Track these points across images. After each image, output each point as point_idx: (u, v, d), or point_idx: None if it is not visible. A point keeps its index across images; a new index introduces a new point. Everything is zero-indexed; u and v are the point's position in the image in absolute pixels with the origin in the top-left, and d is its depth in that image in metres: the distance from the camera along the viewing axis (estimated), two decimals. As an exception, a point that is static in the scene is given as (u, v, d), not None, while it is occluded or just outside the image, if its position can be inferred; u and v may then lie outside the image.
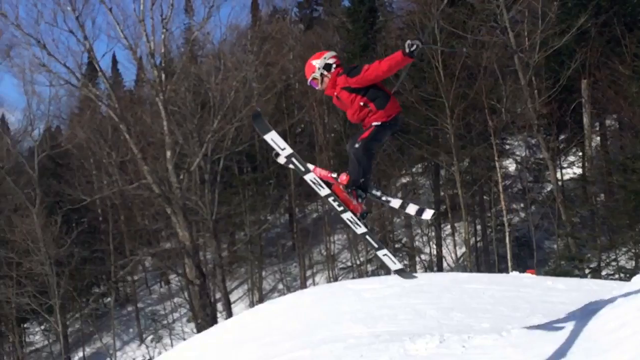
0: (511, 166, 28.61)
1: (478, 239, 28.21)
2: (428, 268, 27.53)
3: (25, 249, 27.80)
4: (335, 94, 5.22)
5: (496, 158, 23.69)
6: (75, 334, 33.01)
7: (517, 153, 28.91)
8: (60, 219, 28.29)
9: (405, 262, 28.35)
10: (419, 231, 29.59)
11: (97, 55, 25.75)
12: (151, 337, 31.49)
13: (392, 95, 5.27)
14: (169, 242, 34.73)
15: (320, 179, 5.14)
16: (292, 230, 34.10)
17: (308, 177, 5.10)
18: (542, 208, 26.02)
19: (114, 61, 43.49)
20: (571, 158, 27.59)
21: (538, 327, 6.90)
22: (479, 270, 24.80)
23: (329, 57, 5.28)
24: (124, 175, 27.36)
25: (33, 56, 26.05)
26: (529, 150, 28.81)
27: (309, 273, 31.34)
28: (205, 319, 23.48)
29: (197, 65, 29.88)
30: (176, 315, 32.70)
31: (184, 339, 26.65)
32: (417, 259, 28.43)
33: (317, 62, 5.24)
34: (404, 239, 29.55)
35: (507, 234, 22.90)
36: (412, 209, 5.73)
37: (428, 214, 5.68)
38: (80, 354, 32.42)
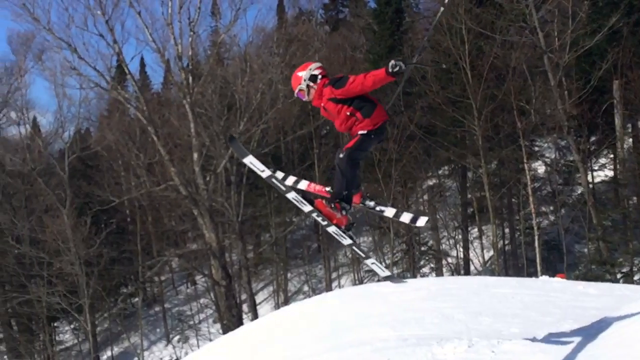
0: (540, 168, 28.13)
1: (506, 242, 27.80)
2: (455, 271, 27.23)
3: (55, 249, 28.29)
4: (322, 105, 5.23)
5: (525, 160, 23.31)
6: (103, 333, 33.51)
7: (547, 155, 28.44)
8: (90, 220, 28.73)
9: (432, 265, 28.11)
10: (446, 234, 29.30)
11: (126, 58, 26.21)
12: (178, 337, 31.79)
13: (379, 103, 5.26)
14: (195, 244, 35.07)
15: (304, 196, 5.14)
16: (317, 232, 34.08)
17: (289, 196, 5.15)
18: (573, 211, 25.54)
19: (142, 64, 44.12)
20: (602, 160, 27.04)
21: (569, 332, 6.75)
22: (506, 274, 24.43)
23: (314, 68, 5.30)
24: (151, 176, 27.71)
25: (64, 60, 26.60)
26: (558, 153, 28.31)
27: (334, 275, 31.27)
28: (231, 320, 23.61)
29: (224, 68, 30.10)
30: (202, 315, 32.94)
31: (210, 340, 26.85)
32: (444, 262, 28.14)
33: (302, 74, 5.28)
34: (430, 242, 29.28)
35: (536, 237, 22.49)
36: (406, 217, 5.73)
37: (422, 221, 5.70)
38: (109, 353, 32.89)
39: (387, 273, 5.85)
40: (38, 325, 31.14)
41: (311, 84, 5.26)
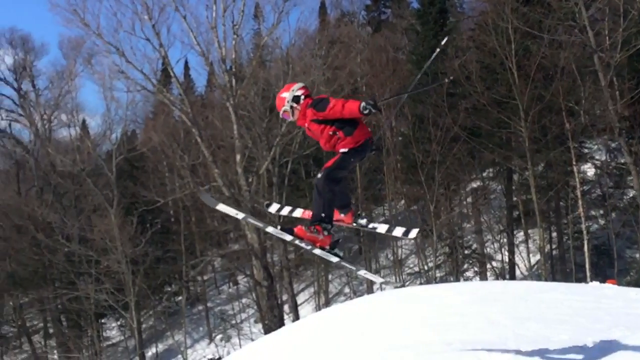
0: (590, 171, 27.29)
1: (553, 246, 27.05)
2: (499, 276, 26.66)
3: (103, 248, 29.00)
4: (306, 125, 5.31)
5: (574, 162, 22.64)
6: (148, 330, 34.19)
7: (597, 157, 27.56)
8: (136, 220, 29.32)
9: (475, 268, 27.59)
10: (490, 237, 28.73)
11: (171, 61, 26.69)
12: (220, 336, 32.15)
13: (361, 121, 5.32)
14: (237, 244, 35.47)
15: (283, 228, 5.32)
16: (358, 233, 33.96)
17: (269, 230, 5.38)
18: (624, 215, 24.67)
19: (186, 67, 44.90)
20: (656, 163, 26.01)
21: (621, 340, 6.50)
22: (554, 280, 23.77)
23: (296, 89, 5.41)
24: (195, 177, 28.15)
25: (112, 63, 27.30)
26: (609, 155, 27.41)
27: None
28: (272, 320, 23.74)
29: (266, 70, 30.35)
30: (244, 315, 33.24)
31: (252, 339, 27.07)
32: (488, 266, 27.58)
33: (286, 95, 5.39)
34: (474, 245, 28.76)
35: (585, 241, 21.80)
36: (398, 231, 5.76)
37: (413, 233, 5.75)
38: (154, 350, 33.54)
39: (382, 279, 6.10)
40: (86, 321, 31.98)
41: (295, 105, 5.36)
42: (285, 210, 6.13)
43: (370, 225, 5.85)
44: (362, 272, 5.68)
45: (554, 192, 25.19)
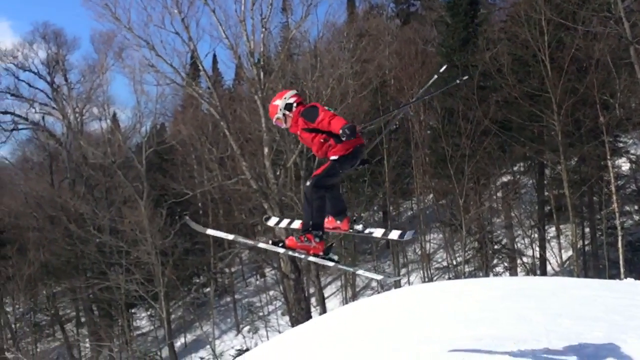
0: (625, 165, 26.65)
1: (586, 242, 26.52)
2: (530, 271, 26.25)
3: (133, 239, 29.41)
4: (299, 132, 5.40)
5: (608, 157, 22.13)
6: (177, 320, 34.65)
7: (632, 151, 26.90)
8: (165, 212, 29.66)
9: (505, 264, 27.21)
10: (521, 232, 28.29)
11: (200, 55, 26.87)
12: (248, 327, 32.39)
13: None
14: (265, 236, 35.64)
15: (273, 242, 5.50)
16: (386, 227, 33.80)
17: (260, 246, 5.63)
18: (660, 211, 24.05)
19: (215, 60, 45.17)
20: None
21: (658, 338, 6.32)
22: (586, 276, 23.32)
23: (289, 96, 5.50)
24: (223, 170, 28.32)
25: (142, 57, 27.53)
26: (645, 149, 26.74)
27: (403, 272, 30.91)
28: (299, 312, 23.80)
29: (294, 63, 30.32)
30: (271, 307, 33.44)
31: (279, 332, 27.22)
32: (518, 261, 27.16)
33: (279, 103, 5.49)
34: (505, 241, 28.35)
35: (619, 237, 21.31)
36: (394, 234, 5.82)
37: (409, 235, 5.84)
38: (182, 340, 34.00)
39: (380, 276, 6.47)
40: (117, 311, 32.52)
41: (287, 112, 5.45)
42: (284, 223, 6.20)
43: (367, 231, 5.92)
44: (361, 272, 5.91)
45: (588, 187, 24.68)
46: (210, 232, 5.82)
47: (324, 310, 25.13)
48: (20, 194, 39.92)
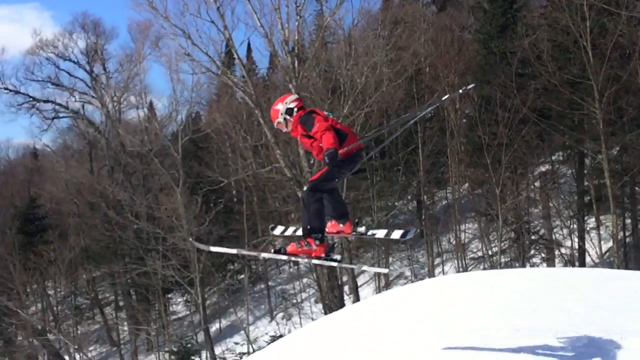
0: (670, 155, 25.76)
1: (627, 233, 25.82)
2: (568, 262, 25.72)
3: (170, 226, 29.85)
4: (299, 137, 5.50)
5: (652, 146, 21.46)
6: (212, 306, 35.15)
7: (677, 140, 25.96)
8: (201, 199, 29.99)
9: (543, 254, 26.72)
10: (559, 223, 27.70)
11: (235, 43, 26.93)
12: (281, 314, 32.67)
13: (350, 131, 5.52)
14: (299, 224, 35.76)
15: (275, 250, 5.61)
16: (420, 217, 33.57)
17: (263, 255, 5.80)
18: None
19: (249, 49, 45.34)
20: None
21: None
22: (627, 268, 22.73)
23: (289, 101, 5.56)
24: (257, 158, 28.47)
25: (179, 46, 27.77)
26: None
27: (437, 261, 30.68)
28: (333, 300, 23.88)
29: (329, 51, 30.17)
30: (305, 295, 33.62)
31: (313, 319, 27.37)
32: (556, 252, 26.63)
33: (280, 107, 5.56)
34: (542, 231, 27.80)
35: (662, 229, 20.70)
36: (397, 234, 5.91)
37: (411, 233, 5.94)
38: (217, 325, 34.54)
39: (386, 270, 6.65)
40: (154, 296, 33.17)
41: (288, 117, 5.53)
42: (290, 231, 6.27)
43: (370, 232, 6.00)
44: (366, 268, 6.81)
45: (629, 177, 23.99)
46: (214, 249, 6.15)
47: (357, 299, 25.15)
48: (62, 180, 40.96)
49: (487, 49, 27.45)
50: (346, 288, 28.97)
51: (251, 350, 26.58)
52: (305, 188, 5.38)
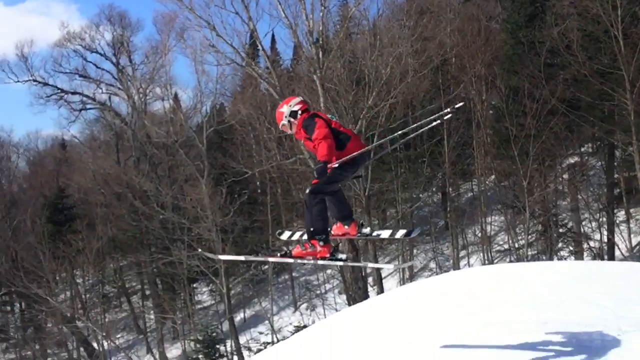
0: (703, 147, 25.06)
1: (658, 226, 25.30)
2: (597, 256, 25.27)
3: (195, 216, 30.15)
4: (302, 140, 5.54)
5: (685, 137, 20.91)
6: (237, 296, 35.46)
7: None
8: (225, 190, 30.19)
9: (571, 247, 26.29)
10: (588, 216, 27.21)
11: (259, 35, 26.94)
12: (305, 305, 32.80)
13: (354, 134, 5.58)
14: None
15: (282, 255, 5.72)
16: (445, 209, 33.32)
17: (270, 260, 6.17)
18: None
19: (273, 40, 45.31)
20: None
21: None
22: (657, 262, 22.23)
23: (294, 104, 5.61)
24: (281, 150, 28.51)
25: (203, 38, 27.90)
26: None
27: (462, 254, 30.43)
28: (357, 292, 23.85)
29: (353, 42, 29.99)
30: (328, 286, 33.69)
31: (336, 310, 27.42)
32: (585, 245, 26.17)
33: (284, 110, 5.62)
34: (570, 224, 27.35)
35: (695, 223, 20.20)
36: (400, 233, 6.01)
37: (415, 233, 6.20)
38: (242, 314, 34.86)
39: (391, 265, 6.62)
40: (180, 285, 33.56)
41: (292, 119, 5.58)
42: (297, 235, 6.30)
43: (375, 233, 6.09)
44: (370, 265, 6.16)
45: (661, 170, 23.43)
46: (222, 257, 6.61)
47: (381, 290, 25.10)
48: (89, 171, 41.61)
49: (515, 38, 27.00)
50: (370, 279, 28.93)
51: (275, 340, 26.74)
52: (307, 191, 5.43)
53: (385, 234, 6.14)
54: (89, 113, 42.55)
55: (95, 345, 33.03)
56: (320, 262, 5.45)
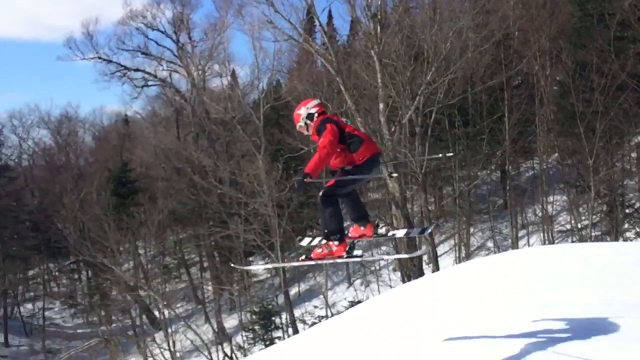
0: None
1: None
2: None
3: (251, 191, 30.60)
4: (318, 142, 5.42)
5: None
6: (292, 270, 35.99)
7: None
8: (281, 166, 30.48)
9: (638, 229, 25.16)
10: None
11: (316, 10, 26.75)
12: (360, 281, 32.94)
13: (367, 137, 5.60)
14: (378, 193, 35.67)
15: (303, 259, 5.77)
16: (504, 187, 32.49)
17: (293, 264, 6.33)
18: None
19: (330, 16, 44.92)
20: None
21: None
22: None
23: (311, 106, 5.69)
24: (338, 126, 28.37)
25: (261, 14, 27.96)
26: None
27: (521, 233, 29.67)
28: (411, 269, 23.76)
29: (412, 17, 29.35)
30: (383, 263, 33.68)
31: (391, 287, 27.41)
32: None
33: (302, 111, 5.70)
34: (638, 204, 26.15)
35: None
36: (415, 232, 6.28)
37: (428, 230, 6.41)
38: (297, 288, 35.39)
39: (406, 255, 7.85)
40: (236, 258, 34.37)
41: (309, 122, 5.66)
42: (316, 241, 6.28)
43: (390, 233, 6.23)
44: (385, 257, 6.12)
45: None
46: (252, 267, 6.90)
47: (436, 268, 24.90)
48: (150, 146, 42.91)
49: (582, 10, 25.76)
50: (425, 257, 28.72)
51: (329, 314, 27.05)
52: (320, 194, 5.47)
53: (400, 233, 6.40)
54: (151, 89, 43.74)
55: (156, 313, 34.38)
56: (338, 260, 5.56)
